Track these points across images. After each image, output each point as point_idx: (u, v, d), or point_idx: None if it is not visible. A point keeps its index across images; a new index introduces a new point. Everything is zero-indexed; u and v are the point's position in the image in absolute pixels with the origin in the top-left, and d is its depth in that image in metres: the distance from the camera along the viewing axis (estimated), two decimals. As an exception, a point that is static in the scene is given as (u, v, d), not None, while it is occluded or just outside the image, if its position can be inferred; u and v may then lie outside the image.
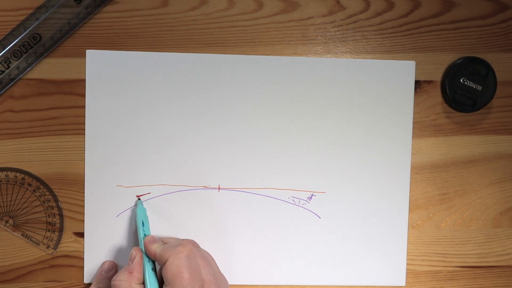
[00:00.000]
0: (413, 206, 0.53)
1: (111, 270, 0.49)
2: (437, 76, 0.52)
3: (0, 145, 0.50)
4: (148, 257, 0.45)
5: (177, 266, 0.41)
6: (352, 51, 0.52)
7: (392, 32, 0.52)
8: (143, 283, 0.44)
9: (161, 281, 0.44)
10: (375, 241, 0.52)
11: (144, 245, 0.45)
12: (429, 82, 0.52)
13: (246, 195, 0.51)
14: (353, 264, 0.52)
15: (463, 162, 0.53)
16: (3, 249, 0.50)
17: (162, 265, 0.43)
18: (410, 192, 0.52)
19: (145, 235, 0.46)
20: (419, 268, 0.53)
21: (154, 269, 0.45)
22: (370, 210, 0.52)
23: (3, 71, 0.49)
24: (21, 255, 0.50)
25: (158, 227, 0.50)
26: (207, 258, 0.44)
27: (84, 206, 0.50)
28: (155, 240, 0.46)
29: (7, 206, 0.50)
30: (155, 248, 0.44)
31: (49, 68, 0.50)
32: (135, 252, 0.45)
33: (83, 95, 0.50)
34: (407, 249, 0.52)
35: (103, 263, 0.49)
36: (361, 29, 0.52)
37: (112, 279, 0.44)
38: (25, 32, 0.48)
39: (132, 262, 0.44)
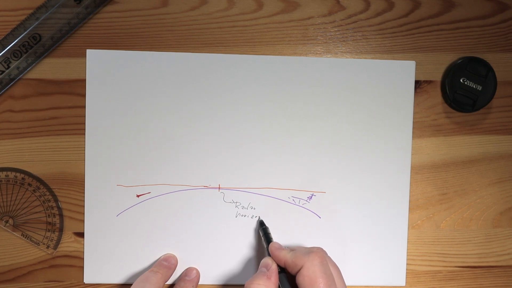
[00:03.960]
0: (413, 206, 0.53)
1: (193, 275, 0.50)
2: (437, 76, 0.52)
3: (0, 145, 0.50)
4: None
5: (313, 272, 0.42)
6: (352, 51, 0.52)
7: (392, 32, 0.52)
8: None
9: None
10: (375, 241, 0.52)
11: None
12: (429, 82, 0.52)
13: (246, 195, 0.51)
14: (353, 264, 0.52)
15: (463, 162, 0.53)
16: (3, 249, 0.50)
17: (296, 272, 0.43)
18: (410, 192, 0.52)
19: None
20: (419, 268, 0.53)
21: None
22: (370, 210, 0.52)
23: (3, 71, 0.49)
24: (21, 255, 0.50)
25: (158, 227, 0.50)
26: (337, 267, 0.45)
27: (84, 206, 0.50)
28: (281, 247, 0.46)
29: (7, 206, 0.50)
30: (284, 255, 0.45)
31: (49, 68, 0.50)
32: (270, 261, 0.45)
33: (83, 95, 0.50)
34: (407, 249, 0.52)
35: (187, 269, 0.51)
36: (361, 29, 0.52)
37: (249, 282, 0.44)
38: (25, 32, 0.48)
39: (267, 270, 0.45)
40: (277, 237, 0.51)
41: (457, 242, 0.53)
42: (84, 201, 0.50)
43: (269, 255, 0.46)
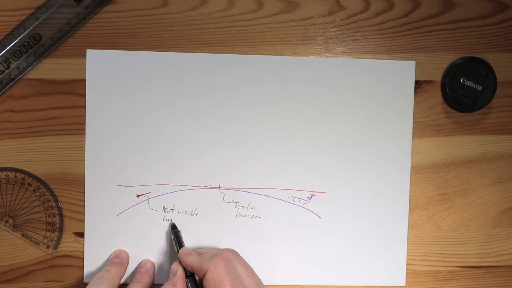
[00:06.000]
0: (413, 206, 0.53)
1: (148, 266, 0.50)
2: (437, 76, 0.52)
3: (0, 145, 0.50)
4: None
5: (217, 275, 0.41)
6: (352, 51, 0.52)
7: (392, 32, 0.52)
8: None
9: None
10: (375, 241, 0.52)
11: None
12: (429, 82, 0.52)
13: (246, 195, 0.51)
14: (353, 264, 0.52)
15: (463, 162, 0.53)
16: (3, 249, 0.50)
17: (202, 277, 0.43)
18: (410, 192, 0.52)
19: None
20: (419, 268, 0.53)
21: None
22: (370, 210, 0.52)
23: (3, 71, 0.49)
24: (21, 255, 0.50)
25: (158, 227, 0.50)
26: (248, 266, 0.45)
27: (84, 206, 0.50)
28: (190, 252, 0.46)
29: (7, 206, 0.50)
30: (191, 260, 0.45)
31: (49, 68, 0.50)
32: (176, 266, 0.46)
33: (83, 95, 0.50)
34: (407, 249, 0.52)
35: (141, 262, 0.50)
36: (361, 29, 0.52)
37: None
38: (25, 32, 0.48)
39: (174, 276, 0.45)
40: (277, 237, 0.51)
41: (457, 242, 0.53)
42: (84, 201, 0.50)
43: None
